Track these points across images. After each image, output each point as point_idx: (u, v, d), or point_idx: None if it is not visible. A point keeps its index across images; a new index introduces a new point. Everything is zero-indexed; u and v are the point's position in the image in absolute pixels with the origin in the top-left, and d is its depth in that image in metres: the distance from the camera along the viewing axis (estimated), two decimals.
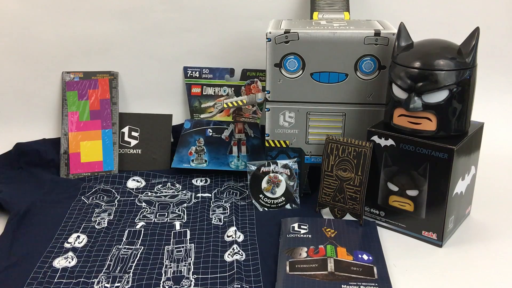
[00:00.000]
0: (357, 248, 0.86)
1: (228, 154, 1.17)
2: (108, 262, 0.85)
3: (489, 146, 1.06)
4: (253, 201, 1.02)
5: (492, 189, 1.07)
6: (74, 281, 0.81)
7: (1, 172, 1.14)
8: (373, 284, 0.77)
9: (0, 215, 1.00)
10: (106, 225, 0.96)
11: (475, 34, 0.85)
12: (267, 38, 0.96)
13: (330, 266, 0.81)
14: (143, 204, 1.04)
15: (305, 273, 0.80)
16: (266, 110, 1.01)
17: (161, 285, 0.80)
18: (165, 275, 0.82)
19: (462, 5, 1.21)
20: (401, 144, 0.89)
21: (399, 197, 0.92)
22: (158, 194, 1.08)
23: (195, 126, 1.22)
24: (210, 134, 1.20)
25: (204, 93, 1.25)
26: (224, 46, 1.24)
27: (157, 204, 1.04)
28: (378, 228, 0.94)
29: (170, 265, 0.84)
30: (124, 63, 1.25)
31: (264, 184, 1.02)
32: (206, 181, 1.13)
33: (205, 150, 1.18)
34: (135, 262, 0.85)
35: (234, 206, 1.01)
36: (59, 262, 0.85)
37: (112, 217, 0.99)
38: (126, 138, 1.21)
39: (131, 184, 1.13)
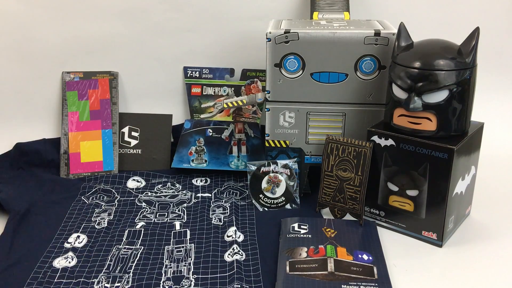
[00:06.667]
0: (357, 248, 0.86)
1: (228, 154, 1.17)
2: (108, 262, 0.85)
3: (489, 146, 1.06)
4: (253, 201, 1.02)
5: (492, 189, 1.07)
6: (74, 281, 0.81)
7: (1, 172, 1.14)
8: (373, 284, 0.77)
9: (0, 215, 1.00)
10: (106, 225, 0.96)
11: (475, 34, 0.85)
12: (267, 38, 0.96)
13: (330, 266, 0.81)
14: (143, 204, 1.04)
15: (305, 273, 0.80)
16: (266, 110, 1.01)
17: (161, 285, 0.80)
18: (165, 275, 0.82)
19: (462, 5, 1.21)
20: (401, 144, 0.89)
21: (399, 197, 0.92)
22: (158, 194, 1.08)
23: (195, 126, 1.22)
24: (210, 134, 1.20)
25: (204, 93, 1.25)
26: (224, 46, 1.24)
27: (157, 204, 1.04)
28: (378, 228, 0.94)
29: (170, 265, 0.84)
30: (124, 63, 1.25)
31: (264, 184, 1.02)
32: (206, 181, 1.13)
33: (205, 150, 1.18)
34: (135, 262, 0.85)
35: (234, 206, 1.01)
36: (59, 262, 0.85)
37: (112, 217, 0.99)
38: (126, 138, 1.21)
39: (131, 184, 1.13)
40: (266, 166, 1.03)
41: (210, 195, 1.07)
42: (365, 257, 0.84)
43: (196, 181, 1.13)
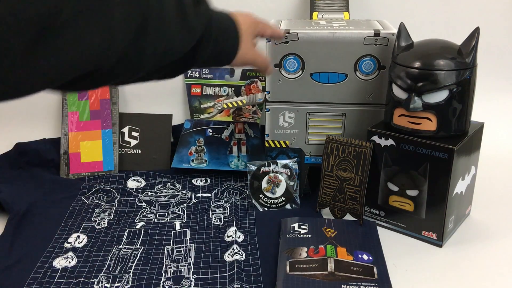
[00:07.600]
0: (357, 248, 0.86)
1: (228, 154, 1.17)
2: (108, 262, 0.85)
3: (489, 146, 1.06)
4: (253, 201, 1.02)
5: (492, 189, 1.07)
6: (74, 281, 0.81)
7: (1, 172, 1.14)
8: (373, 284, 0.77)
9: (0, 215, 1.00)
10: (106, 225, 0.96)
11: (475, 34, 0.85)
12: (266, 39, 0.95)
13: (330, 266, 0.81)
14: (143, 204, 1.04)
15: (305, 273, 0.80)
16: (266, 110, 1.01)
17: (161, 285, 0.80)
18: (165, 275, 0.82)
19: (462, 5, 1.21)
20: (401, 144, 0.89)
21: (399, 197, 0.92)
22: (158, 194, 1.08)
23: (195, 126, 1.22)
24: (210, 134, 1.20)
25: (204, 93, 1.25)
26: None
27: (157, 204, 1.04)
28: (378, 228, 0.93)
29: (170, 265, 0.84)
30: None
31: (264, 184, 1.02)
32: (206, 181, 1.13)
33: (205, 150, 1.18)
34: (135, 262, 0.85)
35: (234, 206, 1.01)
36: (59, 262, 0.85)
37: (112, 217, 0.99)
38: (126, 138, 1.21)
39: (131, 184, 1.13)
40: (266, 166, 1.03)
41: (210, 195, 1.07)
42: (365, 257, 0.84)
43: (196, 181, 1.13)
